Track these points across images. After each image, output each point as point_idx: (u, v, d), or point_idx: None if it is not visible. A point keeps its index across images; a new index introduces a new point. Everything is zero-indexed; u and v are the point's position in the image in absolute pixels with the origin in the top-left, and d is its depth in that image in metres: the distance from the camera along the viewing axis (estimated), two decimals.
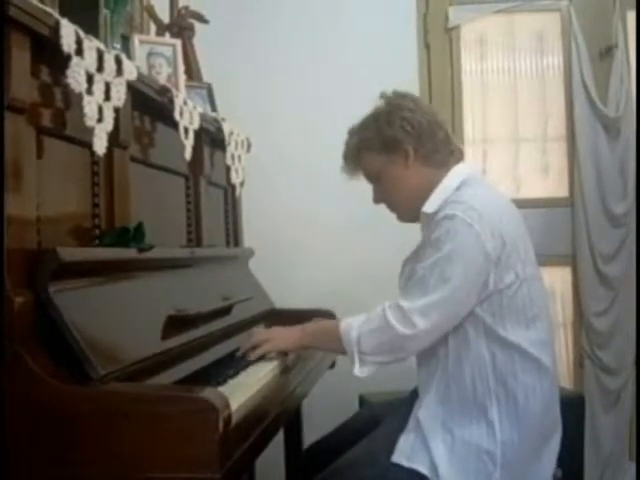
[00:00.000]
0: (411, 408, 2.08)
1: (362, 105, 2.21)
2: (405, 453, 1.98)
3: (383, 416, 2.28)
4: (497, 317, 1.97)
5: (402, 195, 2.19)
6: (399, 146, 2.13)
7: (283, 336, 2.27)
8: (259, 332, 2.35)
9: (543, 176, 3.97)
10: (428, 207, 2.10)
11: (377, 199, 2.27)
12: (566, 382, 3.89)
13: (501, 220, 1.98)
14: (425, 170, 2.14)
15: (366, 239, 3.64)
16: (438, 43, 3.91)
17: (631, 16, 3.78)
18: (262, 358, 2.23)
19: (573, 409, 3.04)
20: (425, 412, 2.01)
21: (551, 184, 3.98)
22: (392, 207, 2.26)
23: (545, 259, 3.70)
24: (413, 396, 2.15)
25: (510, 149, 3.97)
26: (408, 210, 2.20)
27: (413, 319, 1.93)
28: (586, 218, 3.82)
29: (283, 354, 2.34)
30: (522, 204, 3.71)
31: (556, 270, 3.94)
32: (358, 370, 2.03)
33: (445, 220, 1.96)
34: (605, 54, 3.83)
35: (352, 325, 2.05)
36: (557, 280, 3.96)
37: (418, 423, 2.01)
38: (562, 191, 3.96)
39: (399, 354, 2.02)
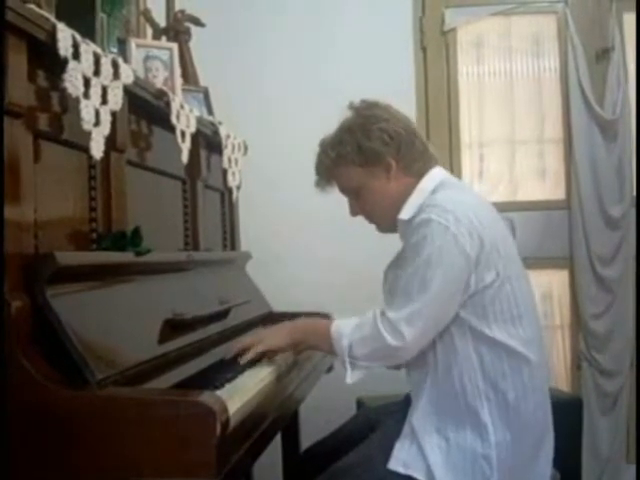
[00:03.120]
0: (406, 412, 2.07)
1: None
2: (401, 460, 1.97)
3: (379, 419, 2.27)
4: (481, 317, 1.96)
5: (383, 207, 2.17)
6: (380, 159, 2.11)
7: (272, 334, 2.23)
8: (247, 337, 2.31)
9: (540, 179, 3.97)
10: (404, 214, 2.10)
11: (355, 212, 2.25)
12: (563, 385, 3.89)
13: (478, 220, 1.96)
14: (406, 180, 2.13)
15: (364, 242, 3.62)
16: (434, 46, 3.92)
17: (628, 18, 3.79)
18: (259, 361, 2.22)
19: (571, 412, 3.04)
20: (419, 418, 2.01)
21: (548, 187, 3.98)
22: (372, 219, 2.25)
23: (542, 262, 3.74)
24: (408, 399, 2.14)
25: (507, 152, 3.97)
26: (389, 221, 2.18)
27: (400, 329, 1.92)
28: (583, 220, 3.82)
29: (274, 353, 2.27)
30: (519, 207, 3.77)
31: (553, 273, 3.95)
32: (349, 376, 2.02)
33: (421, 225, 1.95)
34: (602, 56, 3.84)
35: (343, 332, 2.03)
36: (554, 283, 3.97)
37: (412, 429, 2.00)
38: (559, 194, 3.96)
39: (390, 361, 2.05)
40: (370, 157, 2.11)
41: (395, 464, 1.97)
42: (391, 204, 2.14)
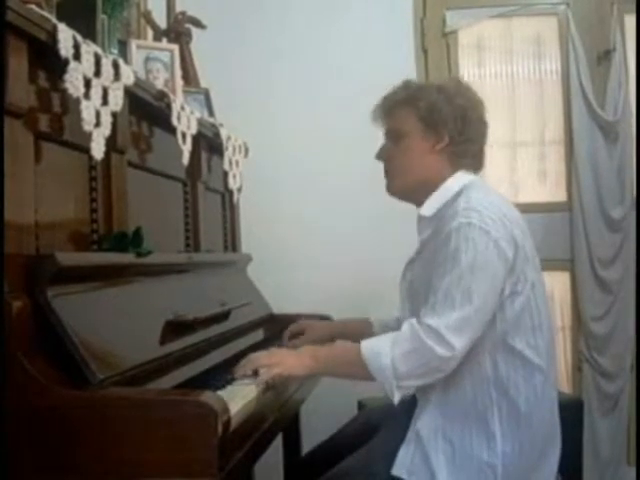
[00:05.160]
0: (410, 416, 2.04)
1: (359, 109, 2.20)
2: (405, 466, 1.95)
3: (381, 422, 2.24)
4: (504, 325, 1.94)
5: (408, 169, 2.14)
6: (439, 128, 2.09)
7: (292, 362, 2.06)
8: (263, 355, 2.12)
9: (541, 180, 3.97)
10: (426, 210, 2.08)
11: (381, 156, 2.22)
12: (564, 386, 3.88)
13: (511, 223, 1.95)
14: (445, 164, 2.11)
15: (364, 244, 3.64)
16: (435, 48, 3.91)
17: (629, 20, 3.78)
18: None
19: (571, 413, 3.03)
20: (425, 423, 1.98)
21: (549, 188, 3.98)
22: (390, 174, 2.20)
23: (543, 264, 3.70)
24: (410, 402, 2.08)
25: (508, 154, 3.96)
26: (402, 185, 2.17)
27: (448, 338, 1.85)
28: (584, 222, 3.81)
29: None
30: (520, 209, 3.70)
31: (554, 274, 3.93)
32: (397, 397, 1.92)
33: (460, 229, 1.90)
34: (603, 58, 3.83)
35: (380, 350, 1.92)
36: (555, 284, 3.96)
37: (418, 435, 1.98)
38: (560, 195, 3.95)
39: (435, 376, 1.92)
40: (432, 120, 2.09)
41: (399, 470, 1.95)
42: (416, 174, 2.13)
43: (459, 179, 2.10)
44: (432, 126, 2.10)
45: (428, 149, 2.11)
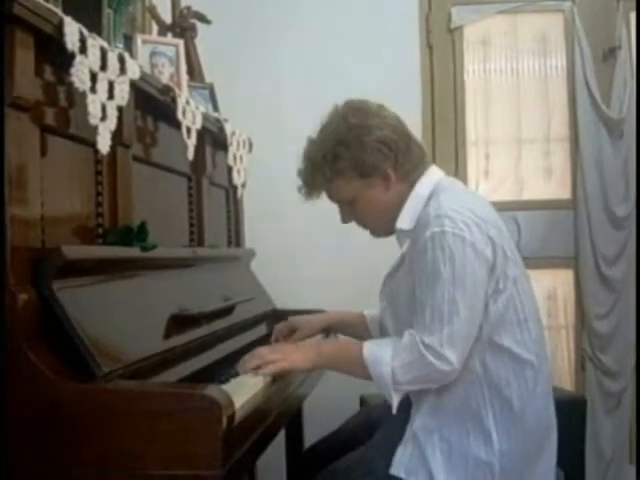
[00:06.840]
0: (409, 413, 2.03)
1: None
2: (403, 465, 1.95)
3: (381, 417, 2.23)
4: (489, 323, 1.93)
5: (379, 216, 2.13)
6: (379, 172, 2.05)
7: (297, 356, 2.08)
8: (267, 350, 2.12)
9: (546, 178, 3.96)
10: (403, 223, 2.06)
11: (347, 219, 2.20)
12: (567, 385, 3.89)
13: (485, 222, 1.93)
14: (403, 186, 2.07)
15: (367, 240, 3.61)
16: (441, 43, 3.91)
17: (635, 17, 3.77)
18: None
19: (574, 412, 3.04)
20: (420, 423, 1.98)
21: (554, 186, 3.97)
22: (366, 226, 2.20)
23: (547, 261, 3.73)
24: (410, 401, 2.06)
25: (513, 150, 3.96)
26: (383, 228, 2.16)
27: (445, 354, 1.85)
28: (589, 220, 3.81)
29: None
30: (524, 206, 3.76)
31: (558, 272, 3.94)
32: (395, 406, 1.94)
33: (435, 238, 1.88)
34: (608, 55, 3.83)
35: (382, 359, 1.92)
36: (559, 282, 3.95)
37: (414, 434, 1.98)
38: (565, 193, 3.95)
39: (434, 383, 1.93)
40: (368, 170, 2.04)
41: (397, 469, 1.95)
42: (387, 212, 2.10)
43: (428, 181, 2.08)
44: (370, 175, 2.06)
45: (384, 190, 2.08)
